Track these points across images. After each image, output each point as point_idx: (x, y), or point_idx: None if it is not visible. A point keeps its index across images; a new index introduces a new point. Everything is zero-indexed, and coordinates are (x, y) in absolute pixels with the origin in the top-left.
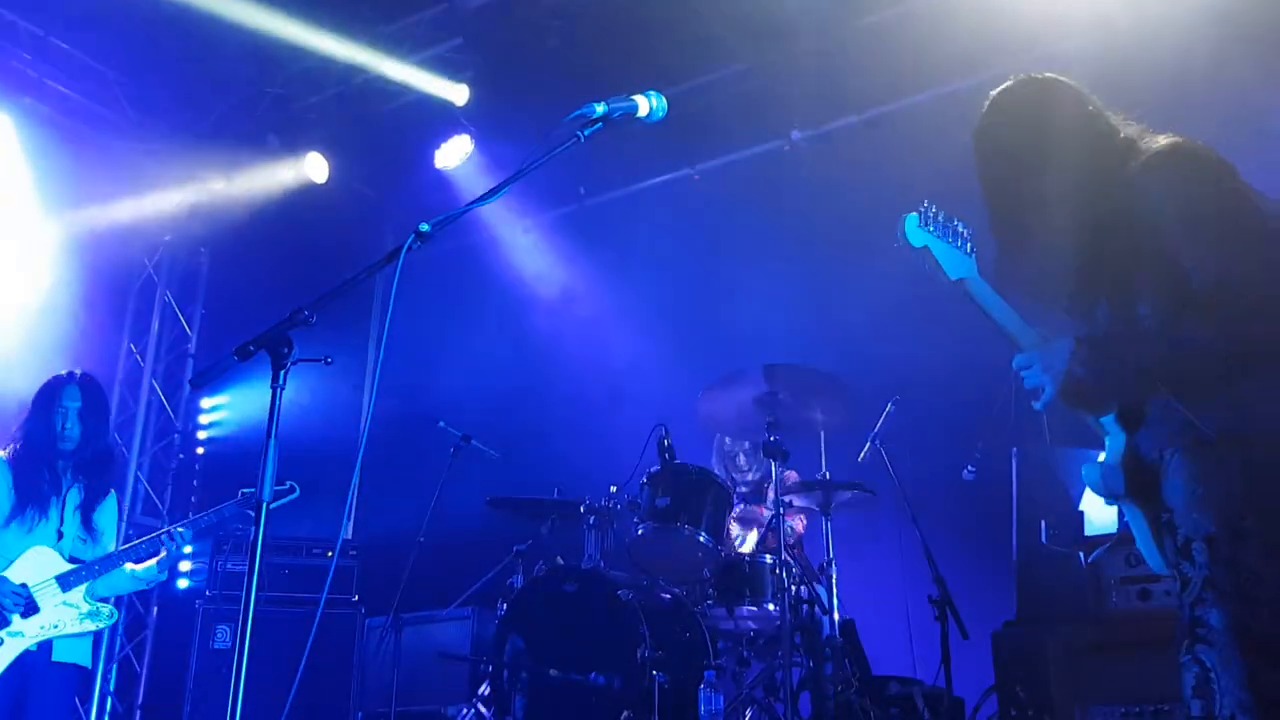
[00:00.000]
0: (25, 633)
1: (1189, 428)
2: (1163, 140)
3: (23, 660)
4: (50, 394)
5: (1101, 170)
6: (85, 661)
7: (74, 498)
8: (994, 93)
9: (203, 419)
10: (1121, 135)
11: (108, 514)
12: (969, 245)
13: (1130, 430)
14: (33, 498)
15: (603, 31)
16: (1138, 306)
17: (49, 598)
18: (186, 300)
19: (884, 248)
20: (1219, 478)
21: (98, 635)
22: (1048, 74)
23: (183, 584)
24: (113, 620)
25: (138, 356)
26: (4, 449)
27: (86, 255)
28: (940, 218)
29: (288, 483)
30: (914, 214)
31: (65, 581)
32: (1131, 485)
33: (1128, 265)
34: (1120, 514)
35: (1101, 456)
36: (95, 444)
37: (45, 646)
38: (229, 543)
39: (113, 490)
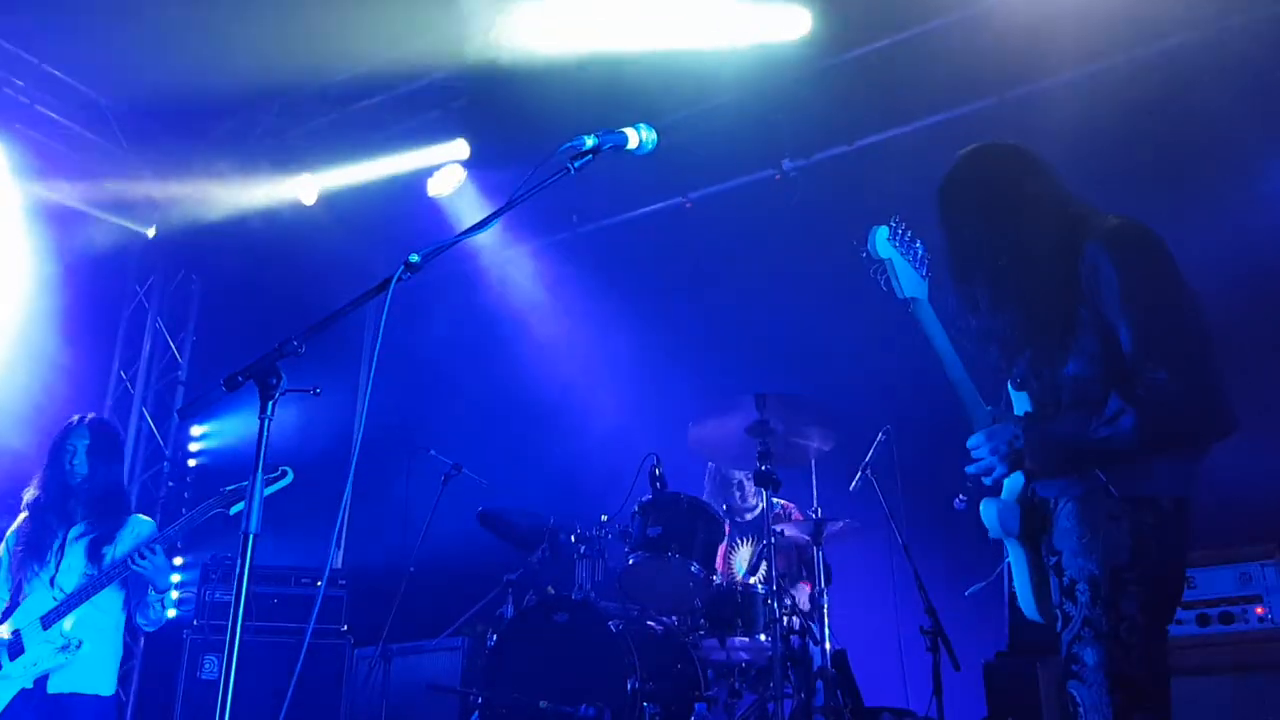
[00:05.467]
0: (13, 675)
1: (1088, 480)
2: (1113, 219)
3: (25, 700)
4: (59, 437)
5: (1055, 238)
6: (102, 689)
7: (79, 534)
8: (962, 151)
9: (192, 447)
10: (1072, 209)
11: (128, 541)
12: (925, 268)
13: (1031, 475)
14: (35, 547)
15: (595, 61)
16: (1069, 364)
17: (33, 637)
18: (177, 327)
19: (875, 276)
20: (1109, 531)
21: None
22: (1012, 143)
23: (170, 613)
24: (81, 650)
25: (127, 383)
26: (21, 510)
27: (77, 281)
28: (907, 235)
29: (280, 468)
30: (884, 226)
31: (47, 619)
32: (1024, 525)
33: (1067, 327)
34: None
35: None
36: (106, 480)
37: (42, 682)
38: (217, 572)
39: (131, 518)
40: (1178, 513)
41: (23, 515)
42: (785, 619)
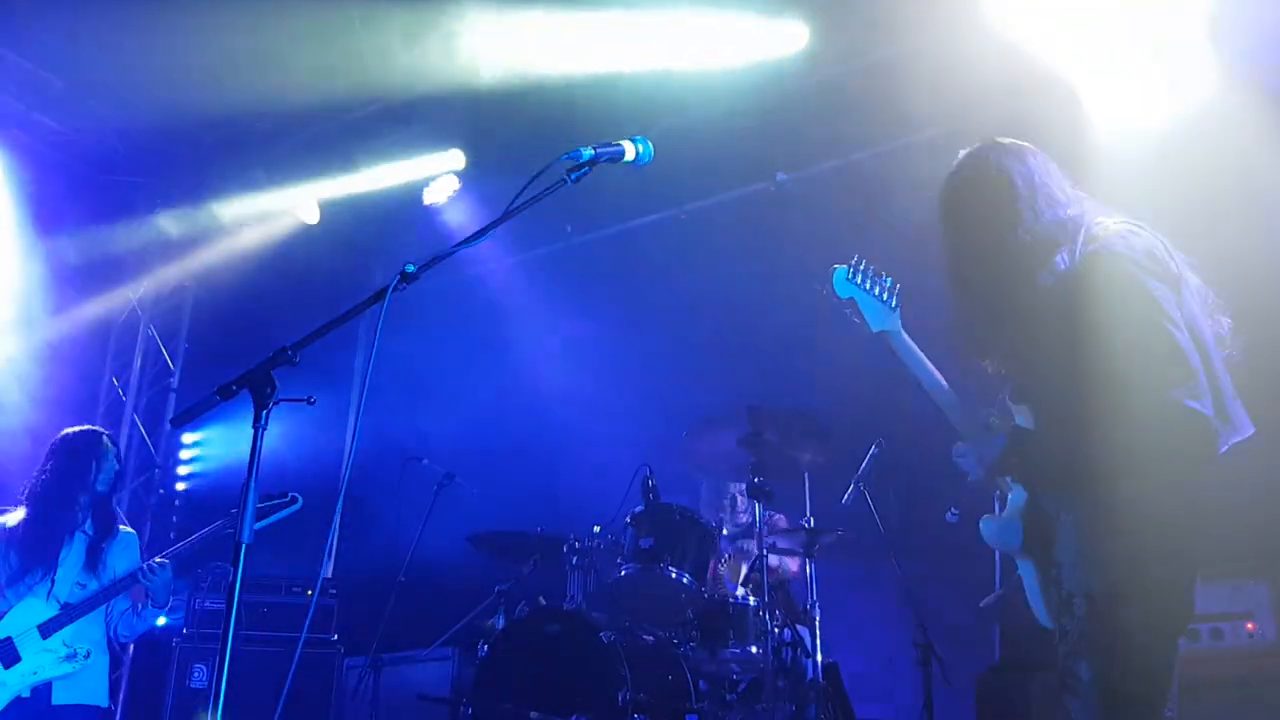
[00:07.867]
0: (9, 683)
1: (1088, 496)
2: (1107, 225)
3: (19, 708)
4: (87, 445)
5: (1046, 258)
6: (100, 700)
7: (80, 543)
8: (960, 155)
9: (184, 454)
10: (1068, 220)
11: (119, 554)
12: (894, 300)
13: (1032, 489)
14: (36, 554)
15: (591, 74)
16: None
17: (30, 646)
18: (170, 335)
19: (846, 312)
20: (1110, 545)
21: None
22: (1010, 140)
23: (160, 621)
24: (89, 661)
25: (119, 390)
26: (15, 508)
27: (71, 288)
28: (869, 271)
29: (289, 494)
30: (843, 267)
31: (46, 629)
32: (1028, 539)
33: (1057, 347)
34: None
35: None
36: (111, 495)
37: (42, 691)
38: (207, 580)
39: (120, 529)
40: (1181, 531)
41: (16, 518)
42: (777, 631)
